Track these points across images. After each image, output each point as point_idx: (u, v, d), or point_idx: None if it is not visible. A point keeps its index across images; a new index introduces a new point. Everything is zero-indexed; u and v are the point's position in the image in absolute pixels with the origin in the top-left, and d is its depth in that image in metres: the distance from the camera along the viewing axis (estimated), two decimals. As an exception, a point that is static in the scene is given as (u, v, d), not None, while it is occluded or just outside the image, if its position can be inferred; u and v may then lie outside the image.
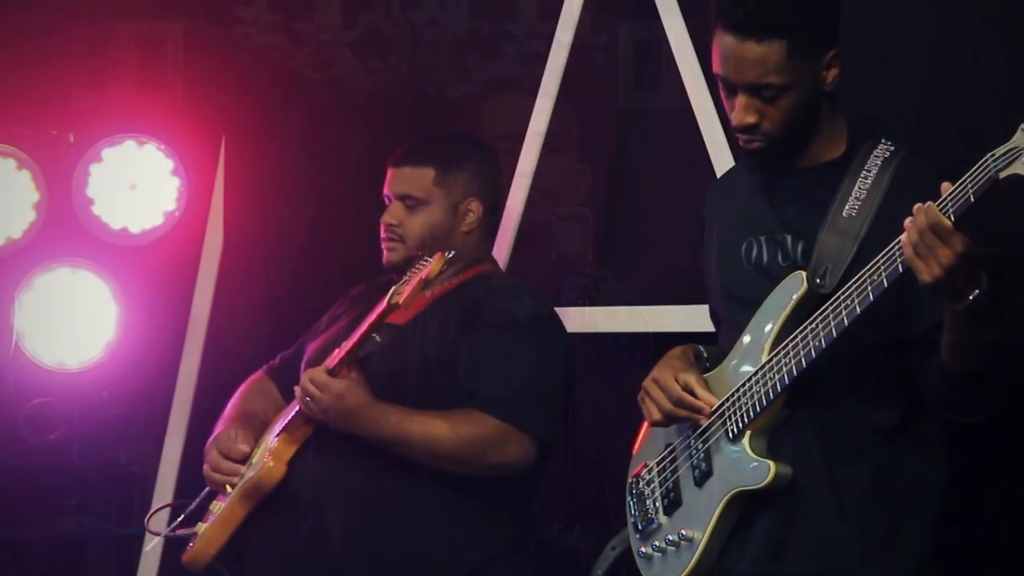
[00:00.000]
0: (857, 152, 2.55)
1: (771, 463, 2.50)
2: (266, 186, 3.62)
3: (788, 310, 2.55)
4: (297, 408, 2.97)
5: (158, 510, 3.31)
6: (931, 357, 2.43)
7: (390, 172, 3.06)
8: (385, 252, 3.03)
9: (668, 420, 2.61)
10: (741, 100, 2.54)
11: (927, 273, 2.26)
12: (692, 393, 2.58)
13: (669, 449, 2.68)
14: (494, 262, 3.14)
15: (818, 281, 2.48)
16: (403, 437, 2.91)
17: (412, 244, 2.99)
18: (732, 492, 2.55)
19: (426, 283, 2.81)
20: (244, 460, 3.05)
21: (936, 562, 2.55)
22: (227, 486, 3.05)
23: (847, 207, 2.49)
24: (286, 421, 3.01)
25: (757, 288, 2.57)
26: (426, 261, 2.81)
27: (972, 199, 2.21)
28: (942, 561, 2.55)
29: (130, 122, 3.73)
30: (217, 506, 3.10)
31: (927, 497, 2.59)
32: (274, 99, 3.64)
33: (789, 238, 2.62)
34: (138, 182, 3.73)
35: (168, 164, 3.70)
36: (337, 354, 2.89)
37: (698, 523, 2.59)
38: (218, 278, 3.66)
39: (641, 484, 2.74)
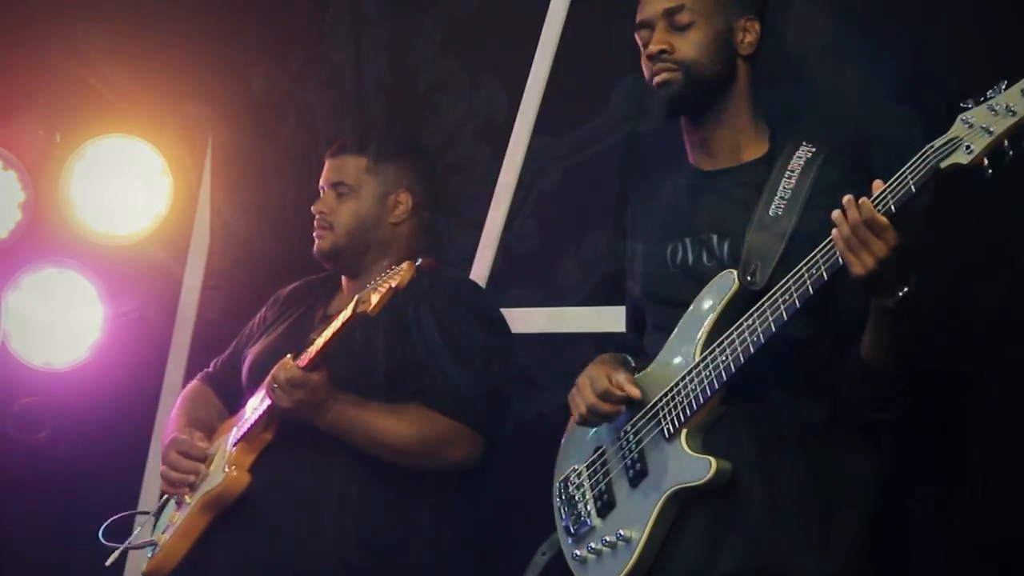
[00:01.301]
0: (780, 152, 2.60)
1: (712, 459, 2.52)
2: (253, 185, 3.62)
3: (720, 308, 2.57)
4: (256, 418, 2.99)
5: (113, 520, 3.29)
6: (848, 354, 2.47)
7: (327, 163, 3.06)
8: (316, 240, 3.03)
9: (592, 415, 2.62)
10: (656, 34, 2.62)
11: (860, 267, 2.31)
12: (620, 388, 2.61)
13: (599, 452, 2.70)
14: (433, 257, 3.11)
15: (749, 279, 2.51)
16: (357, 428, 2.91)
17: (340, 231, 3.00)
18: (671, 490, 2.57)
19: (397, 293, 2.82)
20: (204, 458, 3.06)
21: (868, 557, 2.58)
22: (187, 497, 3.07)
23: (773, 206, 2.53)
24: (244, 430, 3.01)
25: (684, 289, 2.60)
26: (394, 269, 2.83)
27: (913, 190, 2.25)
28: (874, 555, 2.58)
29: (117, 122, 3.72)
30: (177, 516, 3.11)
31: (858, 492, 2.62)
32: (262, 98, 3.65)
33: (715, 238, 2.65)
34: (125, 182, 3.75)
35: (155, 164, 3.69)
36: (307, 356, 2.90)
37: (636, 523, 2.60)
38: (205, 277, 3.65)
39: (571, 488, 2.75)
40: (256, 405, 3.06)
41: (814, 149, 2.57)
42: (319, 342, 2.90)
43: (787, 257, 2.50)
